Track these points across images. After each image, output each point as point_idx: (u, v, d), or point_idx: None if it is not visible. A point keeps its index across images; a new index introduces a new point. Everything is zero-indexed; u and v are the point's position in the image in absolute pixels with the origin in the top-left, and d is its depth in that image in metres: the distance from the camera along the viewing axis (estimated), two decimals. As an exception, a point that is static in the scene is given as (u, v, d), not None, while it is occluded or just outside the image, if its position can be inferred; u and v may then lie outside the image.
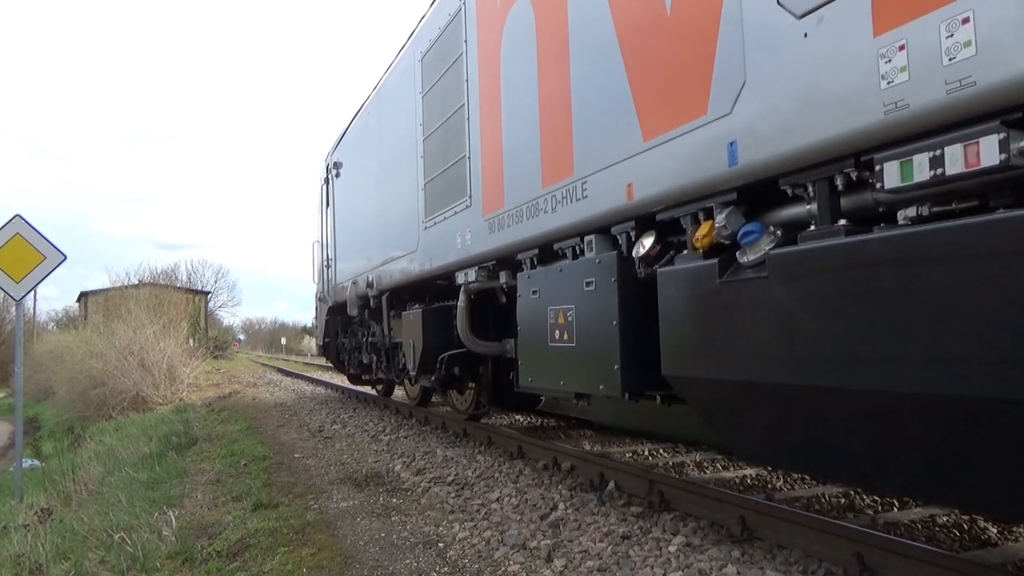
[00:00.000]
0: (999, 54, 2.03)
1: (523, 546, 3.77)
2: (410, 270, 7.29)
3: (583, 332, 4.18)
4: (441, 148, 6.46)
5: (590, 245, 4.25)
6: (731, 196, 3.13)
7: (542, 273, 4.77)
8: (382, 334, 8.81)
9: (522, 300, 5.02)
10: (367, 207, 9.15)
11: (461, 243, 5.96)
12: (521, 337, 5.08)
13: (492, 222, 5.37)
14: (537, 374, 4.85)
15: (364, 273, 9.04)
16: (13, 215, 8.60)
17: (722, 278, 3.05)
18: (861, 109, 2.44)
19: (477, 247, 5.67)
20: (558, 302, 4.47)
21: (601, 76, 4.00)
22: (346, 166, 10.49)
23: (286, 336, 78.09)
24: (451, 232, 6.17)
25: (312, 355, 57.42)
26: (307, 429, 9.14)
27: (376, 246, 8.63)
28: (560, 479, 5.16)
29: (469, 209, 5.80)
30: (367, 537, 4.19)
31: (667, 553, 3.47)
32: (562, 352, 4.42)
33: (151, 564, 4.35)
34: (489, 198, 5.45)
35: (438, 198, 6.50)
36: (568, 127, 4.33)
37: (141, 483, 7.05)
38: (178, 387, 18.29)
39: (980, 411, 2.15)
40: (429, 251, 6.76)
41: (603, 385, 3.98)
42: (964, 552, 3.21)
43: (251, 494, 5.48)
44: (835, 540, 3.16)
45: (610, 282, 3.93)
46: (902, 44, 2.29)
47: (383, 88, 8.56)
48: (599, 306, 4.00)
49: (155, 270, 47.91)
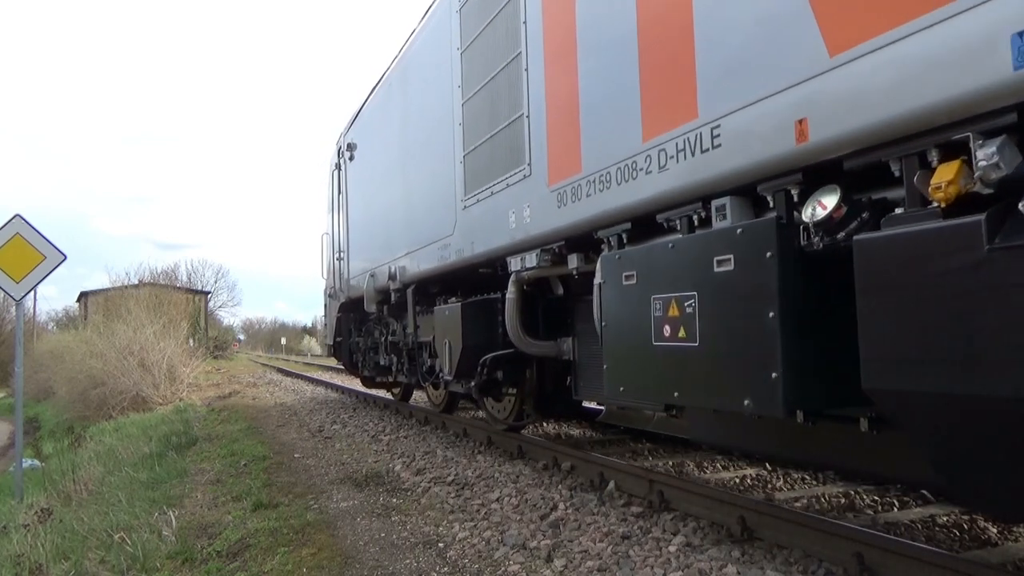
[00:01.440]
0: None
1: (523, 546, 3.77)
2: (443, 258, 6.34)
3: (713, 327, 3.13)
4: (487, 110, 5.52)
5: (720, 211, 3.22)
6: (1005, 119, 2.12)
7: (640, 253, 3.73)
8: (403, 333, 8.07)
9: (608, 288, 3.93)
10: (388, 190, 8.19)
11: (515, 221, 5.03)
12: (608, 335, 3.98)
13: (561, 192, 4.43)
14: (632, 382, 3.77)
15: (384, 264, 8.08)
16: (13, 215, 8.60)
17: (994, 243, 2.06)
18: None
19: (539, 225, 4.74)
20: (669, 288, 3.42)
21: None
22: (362, 147, 9.47)
23: (286, 336, 78.17)
24: (500, 209, 5.24)
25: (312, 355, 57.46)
26: (307, 429, 9.15)
27: (399, 233, 7.68)
28: (560, 479, 5.16)
29: (527, 180, 4.88)
30: (367, 537, 4.19)
31: (667, 553, 3.47)
32: (676, 354, 3.36)
33: (151, 564, 4.35)
34: (557, 163, 4.52)
35: (482, 170, 5.57)
36: (687, 56, 3.31)
37: (141, 483, 7.06)
38: (178, 387, 18.30)
39: None
40: (469, 234, 5.82)
41: (750, 400, 2.91)
42: (964, 552, 3.21)
43: (251, 494, 5.48)
44: (835, 540, 3.16)
45: (763, 259, 2.85)
46: None
47: (409, 52, 7.58)
48: (742, 291, 2.96)
49: (155, 270, 48.08)
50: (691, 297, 3.27)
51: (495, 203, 5.34)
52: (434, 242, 6.56)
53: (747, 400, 2.94)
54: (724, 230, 3.13)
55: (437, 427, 8.26)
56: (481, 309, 6.02)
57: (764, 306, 2.84)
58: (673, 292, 3.39)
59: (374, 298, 8.59)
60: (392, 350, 8.75)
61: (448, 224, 6.21)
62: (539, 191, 4.72)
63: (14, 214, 8.61)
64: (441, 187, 6.40)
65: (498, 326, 5.83)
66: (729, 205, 3.19)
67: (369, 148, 9.12)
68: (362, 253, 9.40)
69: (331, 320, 11.64)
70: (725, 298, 3.07)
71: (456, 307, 6.14)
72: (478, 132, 5.67)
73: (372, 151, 8.99)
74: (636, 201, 3.74)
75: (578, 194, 4.26)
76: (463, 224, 5.94)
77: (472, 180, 5.77)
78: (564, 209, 4.43)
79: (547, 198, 4.61)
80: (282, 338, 75.12)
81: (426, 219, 6.85)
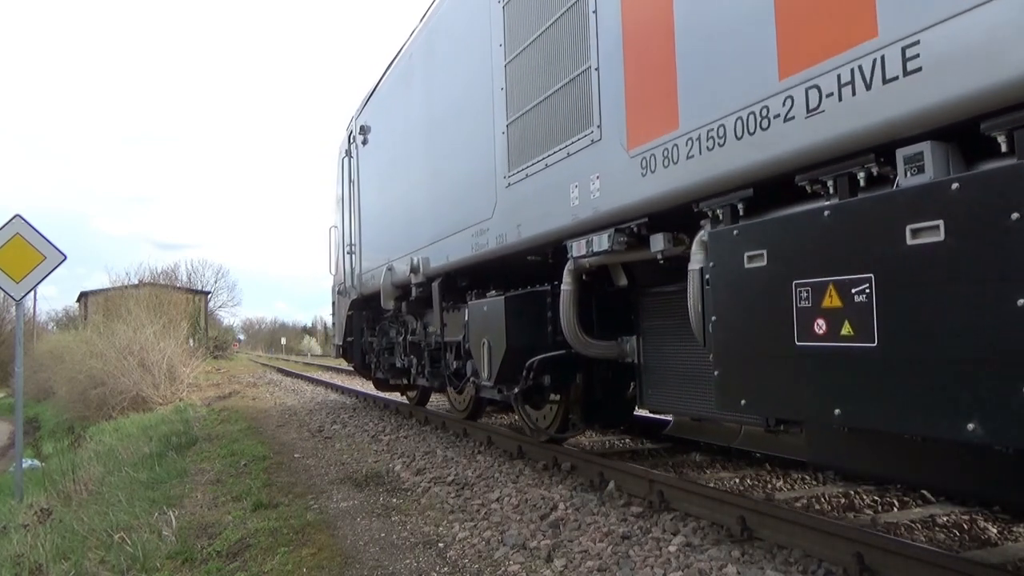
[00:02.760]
0: None
1: (523, 546, 3.77)
2: (479, 246, 5.53)
3: (904, 322, 2.34)
4: (539, 68, 4.77)
5: (913, 163, 2.43)
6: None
7: (774, 227, 2.91)
8: (424, 332, 7.41)
9: (721, 274, 3.13)
10: (409, 174, 7.41)
11: (579, 197, 4.26)
12: (719, 334, 3.16)
13: (647, 157, 3.64)
14: (761, 394, 2.96)
15: (404, 256, 7.33)
16: (13, 215, 8.60)
17: None
18: None
19: (612, 199, 3.97)
20: (822, 271, 2.64)
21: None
22: (377, 129, 8.68)
23: (286, 336, 78.30)
24: (558, 184, 4.48)
25: (312, 355, 57.54)
26: (307, 429, 9.15)
27: (423, 221, 6.92)
28: (560, 479, 5.16)
29: (596, 146, 4.11)
30: (367, 537, 4.19)
31: (667, 553, 3.47)
32: (837, 359, 2.57)
33: (151, 564, 4.36)
34: (641, 121, 3.73)
35: (533, 140, 4.83)
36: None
37: (141, 483, 7.06)
38: (178, 387, 18.31)
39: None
40: (514, 216, 5.04)
41: (978, 424, 2.12)
42: (964, 552, 3.21)
43: (251, 494, 5.48)
44: (835, 540, 3.16)
45: (1003, 223, 2.04)
46: None
47: (435, 16, 6.73)
48: (961, 271, 2.16)
49: (155, 270, 48.01)
50: (863, 282, 2.47)
51: (551, 177, 4.58)
52: (467, 228, 5.77)
53: (971, 424, 2.14)
54: (926, 187, 2.30)
55: (437, 427, 8.26)
56: (528, 304, 5.22)
57: (1005, 290, 2.04)
58: (831, 275, 2.59)
59: (392, 294, 7.88)
60: (412, 351, 8.06)
61: (485, 206, 5.42)
62: (613, 158, 3.93)
63: (14, 214, 8.62)
64: (477, 164, 5.64)
65: (547, 323, 5.14)
66: (929, 153, 2.36)
67: (386, 129, 8.31)
68: (377, 245, 8.62)
69: (340, 319, 10.92)
70: (927, 281, 2.27)
71: (498, 301, 5.34)
72: (526, 95, 4.91)
73: (389, 132, 8.17)
74: (766, 159, 2.92)
75: (672, 157, 3.46)
76: (506, 205, 5.17)
77: (518, 153, 5.00)
78: (650, 178, 3.63)
79: (625, 166, 3.82)
80: (282, 338, 75.27)
81: (457, 203, 6.06)
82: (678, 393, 4.30)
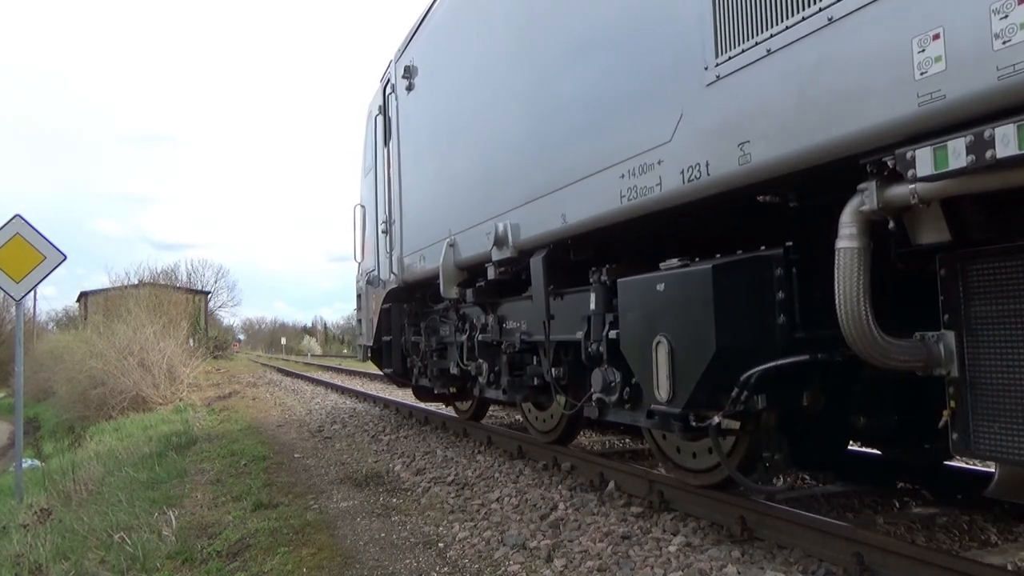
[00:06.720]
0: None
1: (523, 546, 3.77)
2: (641, 191, 3.68)
3: None
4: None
5: None
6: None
7: None
8: (498, 328, 5.72)
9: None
10: (489, 109, 5.53)
11: (940, 55, 2.23)
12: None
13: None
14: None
15: (479, 225, 5.54)
16: (13, 215, 8.61)
17: None
18: None
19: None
20: None
21: None
22: (429, 66, 6.87)
23: (286, 336, 78.28)
24: (872, 49, 2.47)
25: (312, 355, 57.50)
26: (307, 429, 9.15)
27: (515, 170, 5.06)
28: (560, 479, 5.16)
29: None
30: (367, 537, 4.19)
31: (667, 553, 3.47)
32: None
33: (151, 564, 4.35)
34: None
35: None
36: None
37: (141, 483, 7.06)
38: (178, 387, 18.31)
39: None
40: (731, 130, 3.09)
41: None
42: (964, 552, 3.21)
43: (251, 494, 5.49)
44: (835, 540, 3.16)
45: None
46: None
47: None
48: None
49: (155, 270, 47.86)
50: None
51: (851, 38, 2.55)
52: (611, 167, 3.92)
53: None
54: None
55: (437, 427, 8.26)
56: (751, 278, 3.31)
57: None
58: None
59: (454, 278, 6.16)
60: (481, 353, 6.08)
61: (660, 125, 3.52)
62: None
63: (14, 214, 8.62)
64: (637, 61, 3.74)
65: (775, 310, 3.26)
66: None
67: (446, 61, 6.47)
68: (428, 218, 6.83)
69: (369, 314, 8.91)
70: None
71: (701, 272, 3.37)
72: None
73: (453, 61, 6.33)
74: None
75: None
76: (714, 114, 3.21)
77: (746, 18, 3.00)
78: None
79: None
80: (282, 338, 75.23)
81: (590, 131, 4.18)
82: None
